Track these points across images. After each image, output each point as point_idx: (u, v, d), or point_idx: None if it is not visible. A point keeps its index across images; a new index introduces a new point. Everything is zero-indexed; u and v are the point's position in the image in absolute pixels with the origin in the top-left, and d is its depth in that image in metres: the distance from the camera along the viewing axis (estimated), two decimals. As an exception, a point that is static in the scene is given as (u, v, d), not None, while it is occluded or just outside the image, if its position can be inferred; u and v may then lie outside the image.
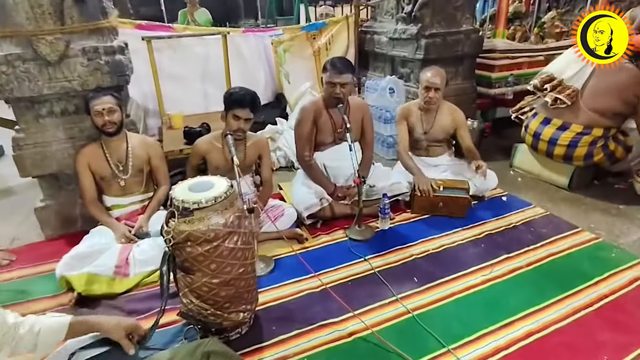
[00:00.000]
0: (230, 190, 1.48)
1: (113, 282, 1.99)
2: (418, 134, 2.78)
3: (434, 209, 2.56)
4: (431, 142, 2.80)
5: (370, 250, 2.27)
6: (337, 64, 2.33)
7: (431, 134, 2.76)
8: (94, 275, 1.95)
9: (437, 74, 2.62)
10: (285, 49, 4.06)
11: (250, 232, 1.62)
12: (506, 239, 2.33)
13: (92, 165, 2.26)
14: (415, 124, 2.76)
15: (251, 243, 1.63)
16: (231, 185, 1.51)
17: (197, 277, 1.48)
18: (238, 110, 2.16)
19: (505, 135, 3.83)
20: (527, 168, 3.15)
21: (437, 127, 2.75)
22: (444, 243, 2.30)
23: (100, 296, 1.93)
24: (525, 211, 2.62)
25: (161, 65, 3.67)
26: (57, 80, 2.24)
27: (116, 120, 2.21)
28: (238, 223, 1.50)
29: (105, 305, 1.91)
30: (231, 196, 1.48)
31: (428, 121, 2.75)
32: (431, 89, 2.60)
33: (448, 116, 2.76)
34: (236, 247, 1.50)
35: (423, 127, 2.76)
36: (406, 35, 3.39)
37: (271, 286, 2.00)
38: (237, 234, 1.50)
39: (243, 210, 1.54)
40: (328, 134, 2.51)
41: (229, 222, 1.45)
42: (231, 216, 1.46)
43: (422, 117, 2.75)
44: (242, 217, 1.54)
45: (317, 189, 2.48)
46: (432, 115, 2.74)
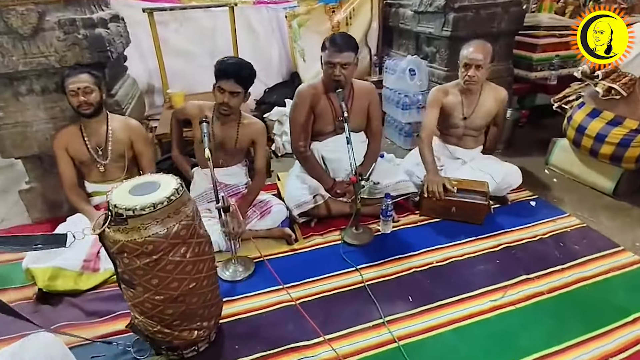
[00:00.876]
0: (177, 195, 1.24)
1: (80, 278, 1.85)
2: (457, 119, 2.40)
3: (445, 212, 2.23)
4: (469, 130, 2.42)
5: (364, 257, 1.99)
6: (336, 41, 2.01)
7: (472, 119, 2.38)
8: (59, 270, 1.82)
9: (480, 48, 2.22)
10: (300, 23, 3.71)
11: (207, 241, 1.39)
12: (527, 254, 1.97)
13: (69, 148, 2.11)
14: (454, 107, 2.38)
15: (209, 252, 1.41)
16: (181, 186, 1.28)
17: (139, 292, 1.29)
18: (222, 82, 1.93)
19: (544, 127, 3.35)
20: (566, 167, 2.70)
21: (479, 112, 2.37)
22: (452, 255, 1.98)
23: (63, 292, 1.80)
24: (557, 221, 2.22)
25: (166, 39, 3.47)
26: (32, 55, 2.07)
27: (93, 101, 2.02)
28: (187, 232, 1.27)
29: (67, 303, 1.78)
30: (177, 201, 1.24)
31: (470, 104, 2.36)
32: (471, 66, 2.22)
33: (491, 98, 2.37)
34: (184, 260, 1.28)
35: (463, 111, 2.37)
36: (432, 8, 2.95)
37: (245, 294, 1.79)
38: (186, 245, 1.28)
39: (195, 216, 1.31)
40: (328, 122, 2.21)
41: (173, 232, 1.22)
42: (176, 225, 1.23)
43: (463, 100, 2.37)
44: (195, 225, 1.30)
45: (313, 183, 2.21)
46: (475, 98, 2.36)
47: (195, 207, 1.34)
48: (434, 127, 2.40)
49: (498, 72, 3.09)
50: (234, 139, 2.11)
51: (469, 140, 2.45)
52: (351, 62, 2.03)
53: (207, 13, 3.54)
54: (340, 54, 1.99)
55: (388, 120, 3.42)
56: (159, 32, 3.36)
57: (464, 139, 2.45)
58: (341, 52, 1.99)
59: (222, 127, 2.09)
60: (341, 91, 2.01)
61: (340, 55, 1.99)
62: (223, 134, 2.10)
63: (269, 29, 3.75)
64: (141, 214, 1.17)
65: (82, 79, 1.99)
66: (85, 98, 1.99)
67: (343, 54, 1.99)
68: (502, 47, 3.07)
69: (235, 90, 1.92)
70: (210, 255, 1.42)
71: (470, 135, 2.44)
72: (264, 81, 3.90)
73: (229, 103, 1.95)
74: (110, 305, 1.74)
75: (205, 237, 1.38)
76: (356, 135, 2.27)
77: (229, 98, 1.94)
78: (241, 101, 2.01)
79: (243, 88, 1.95)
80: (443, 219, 2.25)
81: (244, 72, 1.94)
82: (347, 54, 2.00)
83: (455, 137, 2.46)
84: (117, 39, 2.42)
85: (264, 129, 2.20)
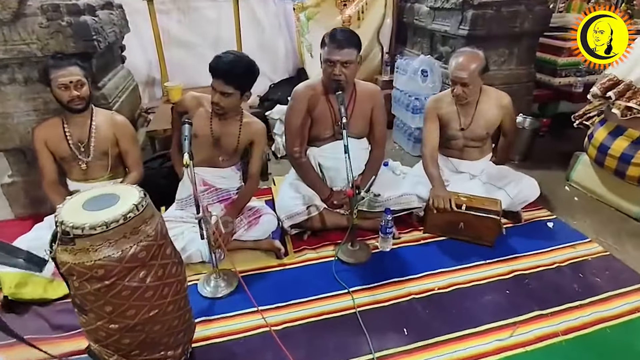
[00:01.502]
0: (136, 212, 1.08)
1: (50, 285, 1.72)
2: (453, 130, 2.18)
3: (452, 230, 2.03)
4: (469, 141, 2.20)
5: (359, 278, 1.81)
6: (337, 36, 1.81)
7: (471, 130, 2.15)
8: (29, 275, 1.69)
9: (466, 64, 1.97)
10: (309, 16, 3.51)
11: (175, 262, 1.23)
12: (542, 285, 1.76)
13: (49, 143, 1.97)
14: (450, 118, 2.17)
15: (177, 274, 1.24)
16: (144, 201, 1.11)
17: (91, 319, 1.13)
18: (213, 80, 1.75)
19: (566, 137, 3.10)
20: (589, 185, 2.46)
21: (478, 121, 2.14)
22: (456, 281, 1.78)
23: (30, 301, 1.67)
24: (576, 246, 2.00)
25: (168, 29, 3.33)
26: (13, 42, 1.94)
27: (85, 95, 1.88)
28: (148, 255, 1.11)
29: (33, 313, 1.65)
30: (137, 219, 1.08)
31: (467, 113, 2.14)
32: (457, 84, 2.01)
33: (492, 105, 2.13)
34: (144, 285, 1.12)
35: (460, 121, 2.15)
36: (449, 4, 2.73)
37: (223, 314, 1.63)
38: (146, 269, 1.12)
39: (160, 234, 1.14)
40: (326, 127, 2.02)
41: (129, 255, 1.06)
42: (134, 247, 1.07)
43: (459, 110, 2.15)
44: (158, 245, 1.14)
45: (307, 193, 2.03)
46: (472, 107, 2.13)
47: (161, 224, 1.18)
48: (436, 141, 2.17)
49: (518, 76, 2.86)
50: (236, 137, 1.93)
51: (472, 151, 2.23)
52: (353, 61, 1.84)
53: (211, 3, 3.37)
54: (341, 51, 1.79)
55: (397, 124, 3.21)
56: (161, 22, 3.22)
57: (466, 151, 2.23)
58: (342, 48, 1.79)
59: (222, 123, 1.91)
60: (341, 94, 1.82)
61: (340, 52, 1.79)
62: (222, 130, 1.92)
63: (275, 21, 3.57)
64: (91, 233, 1.01)
65: (73, 72, 1.84)
66: (78, 92, 1.85)
67: (344, 51, 1.80)
68: (524, 48, 2.83)
69: (226, 91, 1.73)
70: (179, 278, 1.25)
71: (473, 147, 2.22)
72: (269, 76, 3.73)
73: (219, 103, 1.76)
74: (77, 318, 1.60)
75: (172, 258, 1.22)
76: (358, 142, 2.08)
77: (219, 98, 1.75)
78: (236, 102, 1.82)
79: (235, 89, 1.75)
80: (449, 238, 2.05)
81: (236, 71, 1.73)
82: (349, 51, 1.80)
83: (456, 150, 2.24)
84: (108, 27, 2.27)
85: (264, 130, 2.02)
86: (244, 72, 1.76)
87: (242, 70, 1.75)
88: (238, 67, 1.74)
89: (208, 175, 1.99)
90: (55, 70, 1.83)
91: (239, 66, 1.75)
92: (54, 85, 1.84)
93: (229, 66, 1.73)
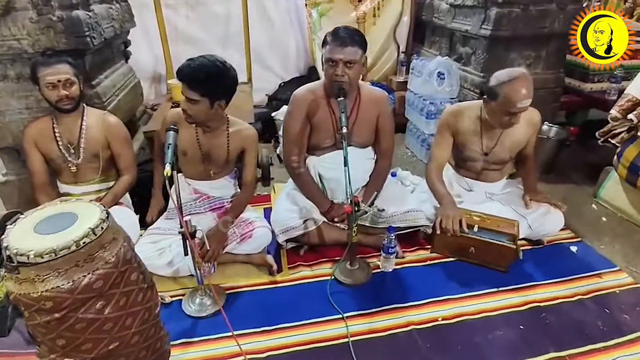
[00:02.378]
0: (93, 236, 0.96)
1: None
2: (474, 154, 1.92)
3: (462, 252, 1.85)
4: (489, 165, 1.95)
5: (355, 302, 1.66)
6: (339, 33, 1.65)
7: (495, 154, 1.90)
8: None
9: (528, 90, 1.67)
10: (321, 13, 3.35)
11: (143, 289, 1.11)
12: (561, 321, 1.56)
13: (38, 144, 1.88)
14: (471, 140, 1.90)
15: (145, 301, 1.12)
16: (104, 222, 0.99)
17: (44, 351, 1.02)
18: (181, 85, 1.60)
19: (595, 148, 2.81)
20: (619, 205, 2.23)
21: (505, 143, 1.88)
22: (463, 311, 1.61)
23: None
24: (603, 276, 1.79)
25: (175, 24, 3.24)
26: (3, 38, 1.86)
27: (74, 95, 1.78)
28: (107, 284, 0.99)
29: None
30: (93, 244, 0.96)
31: (492, 136, 1.87)
32: (517, 115, 1.71)
33: (523, 124, 1.83)
34: (102, 316, 1.00)
35: (483, 145, 1.89)
36: (471, 2, 2.51)
37: (205, 337, 1.51)
38: (105, 299, 1.00)
39: (123, 260, 1.02)
40: (327, 135, 1.86)
41: (83, 285, 0.94)
42: (88, 276, 0.95)
43: (482, 131, 1.88)
44: (120, 272, 1.02)
45: (305, 205, 1.89)
46: (498, 130, 1.87)
47: (125, 247, 1.06)
48: (446, 158, 1.96)
49: (544, 81, 2.62)
50: (225, 149, 1.81)
51: (492, 174, 1.99)
52: (357, 60, 1.67)
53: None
54: (344, 49, 1.63)
55: (410, 129, 3.02)
56: (169, 17, 3.13)
57: (484, 174, 1.99)
58: (345, 46, 1.62)
59: (208, 135, 1.79)
60: (343, 100, 1.66)
61: (343, 50, 1.63)
62: (210, 143, 1.80)
63: (286, 18, 3.42)
64: (37, 262, 0.90)
65: (62, 70, 1.73)
66: (66, 92, 1.75)
67: (347, 49, 1.63)
68: (552, 51, 2.59)
69: (190, 97, 1.58)
70: (147, 305, 1.13)
71: (493, 170, 1.98)
72: (280, 74, 3.60)
73: (186, 110, 1.62)
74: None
75: (138, 284, 1.09)
76: (362, 151, 1.92)
77: (186, 104, 1.61)
78: (205, 111, 1.63)
79: (201, 95, 1.57)
80: (459, 259, 1.88)
81: (200, 77, 1.55)
82: (352, 49, 1.64)
83: (474, 172, 2.01)
84: (105, 22, 2.18)
85: (255, 136, 1.88)
86: (210, 78, 1.57)
87: (207, 77, 1.56)
88: (203, 73, 1.56)
89: (199, 186, 1.87)
90: (43, 68, 1.73)
91: (205, 72, 1.56)
92: (41, 83, 1.75)
93: (193, 70, 1.56)
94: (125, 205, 2.05)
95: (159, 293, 1.65)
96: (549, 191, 2.45)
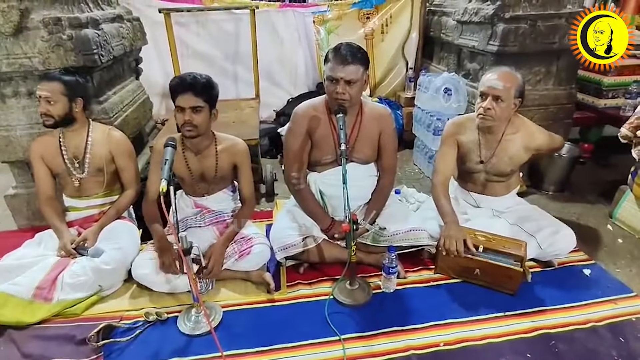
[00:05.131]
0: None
1: (29, 307, 1.64)
2: (472, 163, 1.92)
3: (467, 274, 1.78)
4: (492, 176, 1.93)
5: (354, 323, 1.60)
6: (341, 51, 1.63)
7: (492, 164, 1.88)
8: (8, 296, 1.63)
9: (505, 77, 1.74)
10: (329, 30, 3.39)
11: None
12: (572, 351, 1.47)
13: (45, 158, 1.93)
14: (470, 148, 1.91)
15: None
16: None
17: None
18: (179, 98, 1.63)
19: (611, 166, 2.75)
20: (636, 225, 2.13)
21: (501, 156, 1.86)
22: (467, 336, 1.53)
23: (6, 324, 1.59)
24: (618, 302, 1.69)
25: (186, 41, 3.31)
26: (15, 56, 1.93)
27: (54, 113, 1.78)
28: None
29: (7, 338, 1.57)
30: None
31: (488, 145, 1.87)
32: (488, 96, 1.75)
33: (519, 144, 1.84)
34: None
35: (480, 153, 1.89)
36: (478, 18, 2.49)
37: (197, 356, 1.48)
38: None
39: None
40: (328, 151, 1.84)
41: None
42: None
43: (480, 139, 1.89)
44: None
45: (306, 222, 1.86)
46: (495, 138, 1.86)
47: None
48: (451, 171, 1.93)
49: (556, 97, 2.55)
50: (213, 168, 1.81)
51: (496, 186, 1.95)
52: (358, 79, 1.65)
53: (229, 16, 3.32)
54: (345, 68, 1.61)
55: (417, 145, 2.98)
56: (180, 34, 3.21)
57: (489, 186, 1.96)
58: (346, 64, 1.61)
59: (198, 158, 1.80)
60: (342, 116, 1.64)
61: (344, 69, 1.62)
62: (202, 165, 1.81)
63: (295, 34, 3.46)
64: None
65: (45, 87, 1.77)
66: (44, 109, 1.78)
67: (348, 68, 1.62)
68: (563, 66, 2.53)
69: (197, 105, 1.62)
70: None
71: (497, 182, 1.94)
72: (288, 90, 3.62)
73: (192, 122, 1.63)
74: (51, 347, 1.52)
75: None
76: (364, 168, 1.90)
77: (191, 115, 1.63)
78: (207, 119, 1.69)
79: (205, 101, 1.64)
80: (464, 281, 1.80)
81: (202, 82, 1.64)
82: (353, 68, 1.62)
83: (478, 185, 1.98)
84: (115, 40, 2.23)
85: (246, 149, 1.86)
86: (209, 85, 1.68)
87: (207, 82, 1.67)
88: (203, 79, 1.66)
89: (199, 201, 1.88)
90: (39, 85, 1.80)
91: (204, 79, 1.67)
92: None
93: (194, 78, 1.64)
94: (127, 219, 2.07)
95: (156, 310, 1.66)
96: (562, 210, 2.38)
